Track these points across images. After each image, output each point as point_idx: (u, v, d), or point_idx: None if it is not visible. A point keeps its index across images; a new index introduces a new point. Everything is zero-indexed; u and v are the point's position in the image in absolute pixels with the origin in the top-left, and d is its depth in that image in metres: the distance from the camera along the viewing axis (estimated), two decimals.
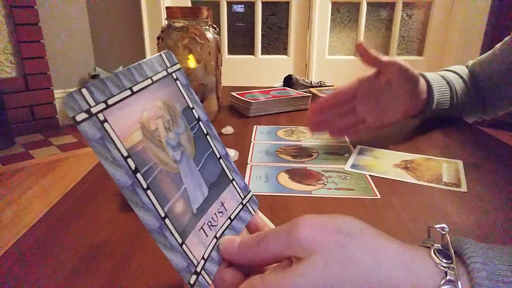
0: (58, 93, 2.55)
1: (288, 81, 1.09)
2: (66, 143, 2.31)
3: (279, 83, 1.14)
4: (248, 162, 0.57)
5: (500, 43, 0.73)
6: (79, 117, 0.21)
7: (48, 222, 0.41)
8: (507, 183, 0.51)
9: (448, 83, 0.70)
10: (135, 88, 0.25)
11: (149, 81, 0.27)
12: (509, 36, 0.71)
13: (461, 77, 0.74)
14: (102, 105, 0.23)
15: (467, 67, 0.78)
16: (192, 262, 0.25)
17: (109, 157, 0.22)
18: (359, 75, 0.60)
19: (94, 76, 2.61)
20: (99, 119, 0.22)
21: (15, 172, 1.90)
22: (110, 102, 0.23)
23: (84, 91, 0.22)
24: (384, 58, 0.58)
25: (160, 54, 0.29)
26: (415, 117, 0.69)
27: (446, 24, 2.48)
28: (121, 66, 2.56)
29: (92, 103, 0.22)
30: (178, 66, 0.30)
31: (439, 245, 0.25)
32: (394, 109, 0.61)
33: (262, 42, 2.62)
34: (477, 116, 0.79)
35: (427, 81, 0.67)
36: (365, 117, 0.61)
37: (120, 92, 0.24)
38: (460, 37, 2.40)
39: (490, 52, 0.75)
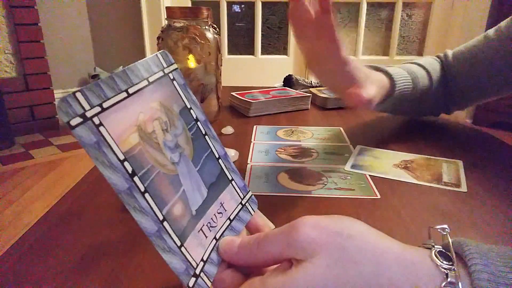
0: (58, 93, 2.55)
1: (288, 81, 1.09)
2: (66, 143, 2.30)
3: (279, 83, 1.14)
4: (248, 162, 0.57)
5: (493, 29, 0.67)
6: (73, 122, 0.21)
7: (48, 222, 0.41)
8: (507, 183, 0.51)
9: (410, 74, 0.65)
10: (131, 90, 0.25)
11: (145, 83, 0.26)
12: (502, 22, 0.65)
13: (425, 68, 0.69)
14: (97, 109, 0.22)
15: (445, 56, 0.72)
16: (191, 264, 0.25)
17: (105, 161, 0.22)
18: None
19: (94, 76, 2.61)
20: (94, 123, 0.22)
21: (15, 172, 1.90)
22: (105, 105, 0.23)
23: (78, 95, 0.21)
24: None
25: (156, 55, 0.29)
26: (380, 102, 0.60)
27: (446, 24, 2.48)
28: (121, 66, 2.56)
29: (87, 107, 0.22)
30: (174, 66, 0.30)
31: (440, 246, 0.24)
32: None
33: (262, 42, 2.62)
34: (439, 110, 0.75)
35: (389, 75, 0.60)
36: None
37: (116, 95, 0.23)
38: (460, 38, 2.39)
39: (474, 40, 0.69)
